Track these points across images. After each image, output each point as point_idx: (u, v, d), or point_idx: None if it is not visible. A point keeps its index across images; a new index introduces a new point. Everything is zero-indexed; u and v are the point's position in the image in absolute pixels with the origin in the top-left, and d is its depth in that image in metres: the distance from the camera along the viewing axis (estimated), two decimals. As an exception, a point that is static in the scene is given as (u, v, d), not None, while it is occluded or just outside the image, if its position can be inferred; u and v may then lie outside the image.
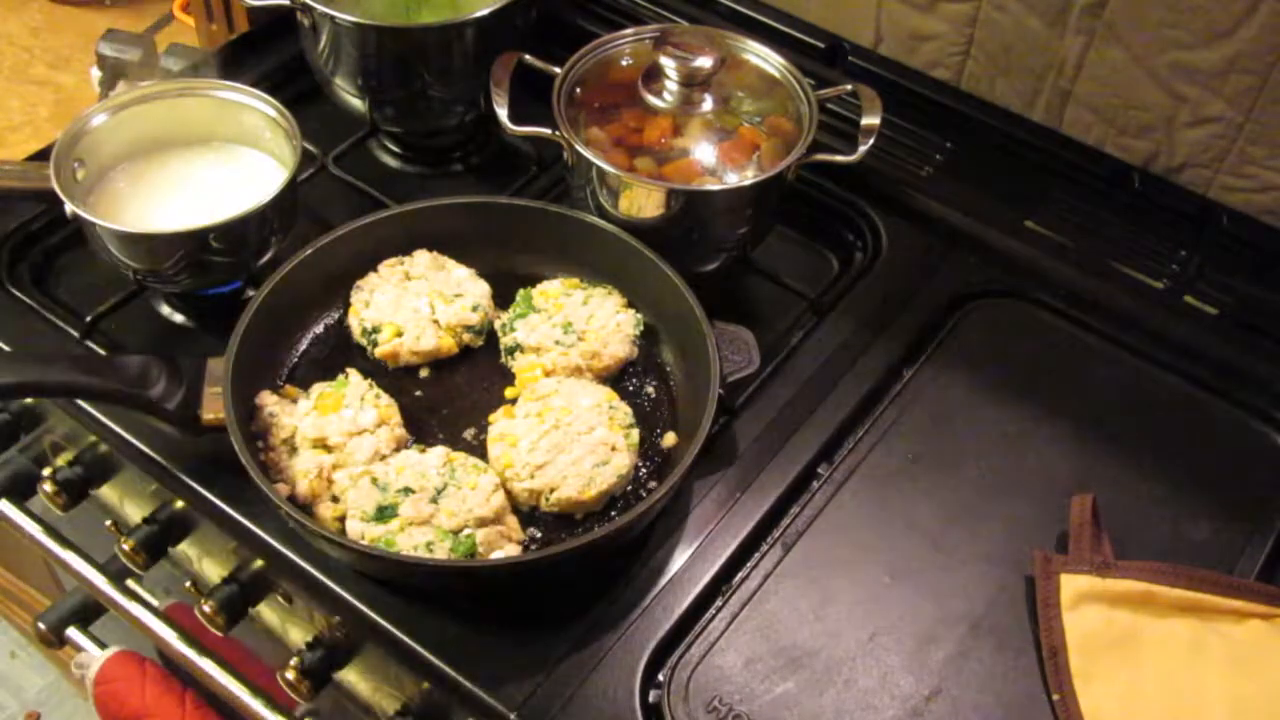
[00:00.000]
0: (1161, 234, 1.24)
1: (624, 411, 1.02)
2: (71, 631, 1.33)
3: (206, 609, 1.05)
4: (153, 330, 1.14)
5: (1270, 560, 1.01)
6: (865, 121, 1.11)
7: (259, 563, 1.04)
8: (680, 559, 0.98)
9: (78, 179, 1.10)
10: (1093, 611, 0.95)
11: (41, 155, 1.15)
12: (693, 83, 1.12)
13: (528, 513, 0.99)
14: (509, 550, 0.94)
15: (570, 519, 0.99)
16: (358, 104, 1.25)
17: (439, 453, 0.98)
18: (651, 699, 0.91)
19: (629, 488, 1.01)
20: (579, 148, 1.08)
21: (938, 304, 1.19)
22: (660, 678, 0.92)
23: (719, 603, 0.97)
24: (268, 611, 1.14)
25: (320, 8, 1.16)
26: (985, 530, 1.02)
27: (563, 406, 1.01)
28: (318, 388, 1.02)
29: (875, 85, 1.16)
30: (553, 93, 1.13)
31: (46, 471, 1.16)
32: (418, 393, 1.08)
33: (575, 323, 1.08)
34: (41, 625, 1.31)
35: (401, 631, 0.93)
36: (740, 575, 0.99)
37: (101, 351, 1.10)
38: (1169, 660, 0.94)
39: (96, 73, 1.42)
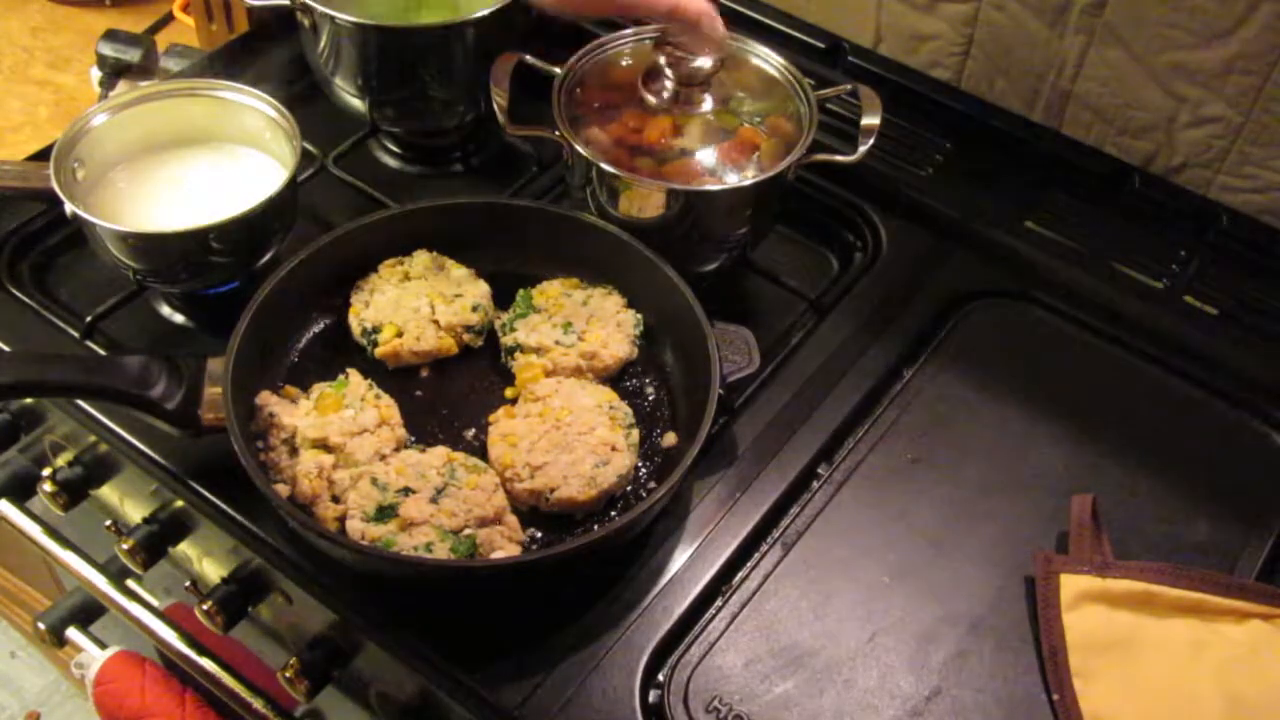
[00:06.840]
0: (1161, 234, 1.23)
1: (624, 411, 1.02)
2: (71, 631, 1.33)
3: (206, 609, 1.05)
4: (153, 330, 1.14)
5: (1270, 560, 1.01)
6: (865, 121, 1.11)
7: (259, 563, 1.04)
8: (680, 559, 0.98)
9: (78, 179, 1.09)
10: (1093, 611, 0.95)
11: (41, 155, 1.14)
12: (693, 83, 1.12)
13: (528, 513, 0.99)
14: (509, 550, 0.94)
15: (570, 519, 0.99)
16: (358, 104, 1.25)
17: (439, 453, 0.98)
18: (651, 699, 0.91)
19: (629, 488, 1.01)
20: (579, 148, 1.08)
21: (938, 304, 1.19)
22: (660, 678, 0.92)
23: (719, 603, 0.97)
24: (268, 611, 1.14)
25: (320, 8, 1.15)
26: (985, 530, 1.02)
27: (563, 406, 1.01)
28: (318, 388, 1.02)
29: (875, 85, 1.16)
30: (553, 93, 1.12)
31: (46, 471, 1.16)
32: (418, 393, 1.08)
33: (575, 323, 1.08)
34: (41, 625, 1.31)
35: (402, 631, 0.93)
36: (740, 575, 0.99)
37: (101, 351, 1.10)
38: (1169, 660, 0.94)
39: (96, 73, 1.42)
